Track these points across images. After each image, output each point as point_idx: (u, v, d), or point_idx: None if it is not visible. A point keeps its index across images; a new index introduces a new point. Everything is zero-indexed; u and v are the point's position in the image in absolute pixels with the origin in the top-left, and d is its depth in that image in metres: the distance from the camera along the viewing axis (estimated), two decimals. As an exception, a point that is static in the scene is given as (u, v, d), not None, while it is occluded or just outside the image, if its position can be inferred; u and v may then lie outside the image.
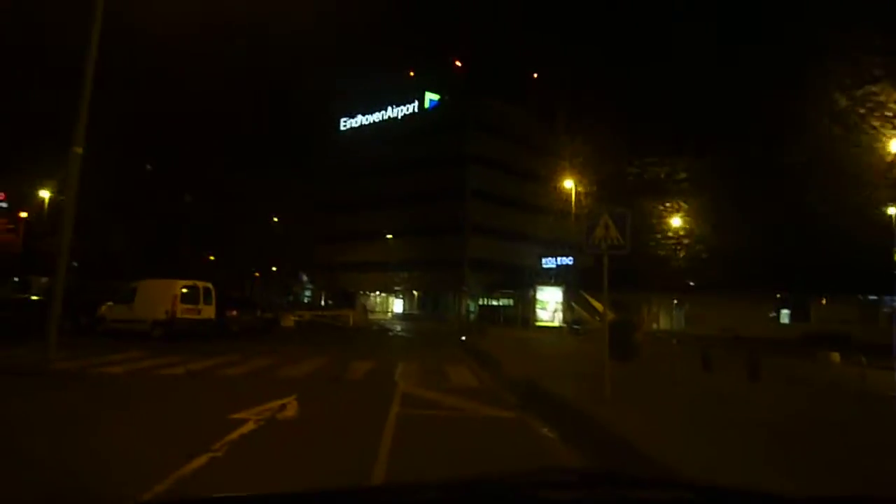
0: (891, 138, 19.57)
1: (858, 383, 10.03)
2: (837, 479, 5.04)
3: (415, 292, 68.05)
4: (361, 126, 72.55)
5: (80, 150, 11.96)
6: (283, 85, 63.00)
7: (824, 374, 12.82)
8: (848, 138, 20.81)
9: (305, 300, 71.48)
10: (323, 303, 67.34)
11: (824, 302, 41.26)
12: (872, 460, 5.67)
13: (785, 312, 43.01)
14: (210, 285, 22.08)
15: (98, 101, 12.49)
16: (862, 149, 20.34)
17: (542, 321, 47.46)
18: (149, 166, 43.40)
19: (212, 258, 57.75)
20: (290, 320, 33.15)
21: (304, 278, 76.21)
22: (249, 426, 7.02)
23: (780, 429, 7.53)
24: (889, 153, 21.21)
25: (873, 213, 26.27)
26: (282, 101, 63.08)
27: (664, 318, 46.63)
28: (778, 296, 42.48)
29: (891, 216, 27.20)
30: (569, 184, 33.73)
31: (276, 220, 64.06)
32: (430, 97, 67.84)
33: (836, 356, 16.91)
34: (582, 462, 6.02)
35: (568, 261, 46.93)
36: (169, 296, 20.23)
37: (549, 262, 51.98)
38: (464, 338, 25.88)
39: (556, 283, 46.29)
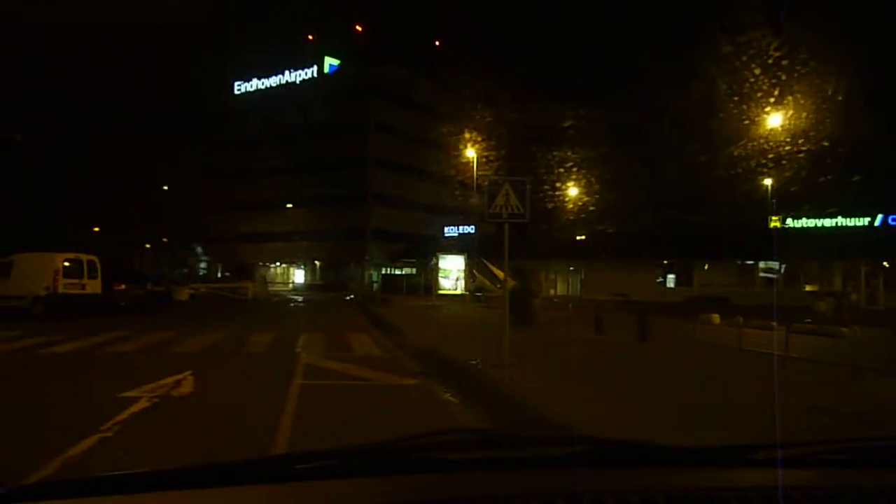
0: (767, 113, 21.02)
1: (735, 341, 10.87)
2: (722, 429, 5.46)
3: (317, 262, 66.95)
4: (258, 90, 69.76)
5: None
6: (176, 46, 59.31)
7: (705, 333, 13.79)
8: (728, 113, 22.19)
9: (201, 273, 68.75)
10: (220, 275, 65.00)
11: (706, 268, 44.19)
12: (747, 411, 6.18)
13: (671, 277, 45.70)
14: (94, 258, 20.98)
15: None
16: (739, 123, 21.78)
17: (444, 289, 48.00)
18: (18, 136, 39.79)
19: (96, 230, 54.25)
20: (184, 294, 31.93)
21: (199, 250, 73.17)
22: (142, 404, 6.73)
23: (666, 383, 8.06)
24: (765, 128, 22.80)
25: (748, 186, 28.26)
26: (174, 63, 59.35)
27: (561, 284, 48.38)
28: (665, 262, 45.02)
29: (766, 187, 29.39)
30: (470, 153, 33.98)
31: (165, 188, 60.73)
32: (330, 62, 66.01)
33: (716, 317, 18.11)
34: (483, 424, 6.20)
35: (470, 229, 47.51)
36: (49, 270, 19.09)
37: (451, 231, 52.54)
38: (367, 307, 25.82)
39: (458, 252, 46.85)
